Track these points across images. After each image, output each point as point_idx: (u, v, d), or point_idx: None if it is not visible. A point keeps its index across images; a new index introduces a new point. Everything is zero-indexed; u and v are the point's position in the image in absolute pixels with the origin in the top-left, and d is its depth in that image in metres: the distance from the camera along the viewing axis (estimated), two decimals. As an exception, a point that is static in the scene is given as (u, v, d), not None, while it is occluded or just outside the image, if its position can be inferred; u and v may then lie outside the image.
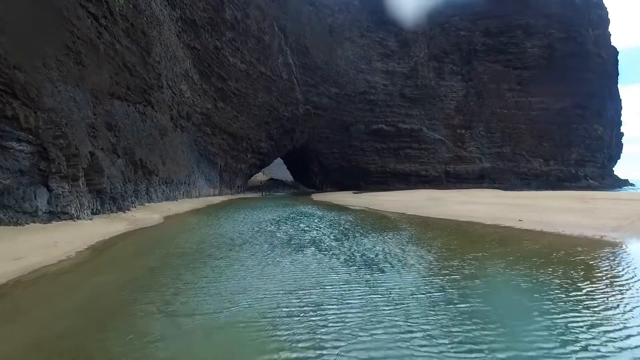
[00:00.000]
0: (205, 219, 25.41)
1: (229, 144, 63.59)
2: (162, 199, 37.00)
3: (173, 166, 40.99)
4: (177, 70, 45.75)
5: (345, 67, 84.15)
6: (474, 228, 18.38)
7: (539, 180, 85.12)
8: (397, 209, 29.72)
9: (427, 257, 11.10)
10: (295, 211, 29.64)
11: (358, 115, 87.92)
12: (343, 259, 11.01)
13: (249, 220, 22.84)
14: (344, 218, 23.92)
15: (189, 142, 49.96)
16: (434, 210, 26.45)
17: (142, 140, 32.85)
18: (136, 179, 30.25)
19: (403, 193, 57.54)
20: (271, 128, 74.39)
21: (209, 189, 56.89)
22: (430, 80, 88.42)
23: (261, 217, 24.54)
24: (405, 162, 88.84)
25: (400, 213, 26.78)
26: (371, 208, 31.83)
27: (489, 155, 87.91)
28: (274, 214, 27.36)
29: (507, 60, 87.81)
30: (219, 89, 57.63)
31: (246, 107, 65.52)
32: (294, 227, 19.40)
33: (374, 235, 15.78)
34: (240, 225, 20.42)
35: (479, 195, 47.33)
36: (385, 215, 25.40)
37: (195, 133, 52.32)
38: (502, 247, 12.75)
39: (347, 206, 35.49)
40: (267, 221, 22.17)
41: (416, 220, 21.93)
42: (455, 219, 22.05)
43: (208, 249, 13.24)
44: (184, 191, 44.43)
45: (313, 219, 23.40)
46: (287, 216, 25.27)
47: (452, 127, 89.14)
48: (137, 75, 33.11)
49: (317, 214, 26.73)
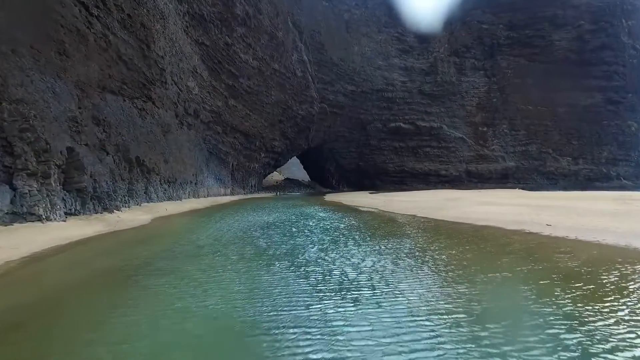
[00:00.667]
0: (197, 220, 23.16)
1: (241, 142, 61.70)
2: (164, 198, 35.12)
3: (177, 165, 39.15)
4: (183, 66, 43.97)
5: (362, 64, 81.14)
6: (493, 235, 15.30)
7: (567, 180, 79.79)
8: (409, 210, 26.73)
9: (425, 280, 8.22)
10: (297, 213, 27.07)
11: (375, 113, 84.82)
12: (314, 279, 8.30)
13: (240, 224, 20.40)
14: (346, 221, 21.17)
15: (197, 140, 48.16)
16: (449, 213, 23.34)
17: (140, 137, 31.00)
18: (131, 177, 28.34)
19: (420, 193, 54.18)
20: (285, 127, 72.19)
21: (220, 188, 55.06)
22: (450, 76, 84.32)
23: (256, 220, 22.08)
24: (425, 162, 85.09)
25: (411, 215, 23.79)
26: (381, 209, 28.93)
27: (513, 154, 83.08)
28: (273, 216, 24.86)
29: (532, 54, 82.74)
30: (229, 87, 55.75)
31: (259, 105, 63.51)
32: (284, 232, 16.82)
33: (370, 245, 13.00)
34: (225, 229, 18.00)
35: (500, 196, 43.61)
36: (393, 218, 22.47)
37: (205, 131, 50.51)
38: (529, 263, 9.75)
39: (357, 207, 32.69)
40: (258, 225, 19.68)
41: (427, 225, 18.95)
42: (471, 222, 18.96)
43: (161, 260, 10.77)
44: (190, 191, 42.59)
45: (311, 222, 20.75)
46: (285, 219, 22.72)
47: (473, 125, 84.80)
48: (135, 69, 31.26)
49: (319, 216, 24.07)
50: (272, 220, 21.39)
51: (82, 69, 23.55)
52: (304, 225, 19.29)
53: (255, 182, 72.86)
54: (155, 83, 35.29)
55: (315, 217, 23.58)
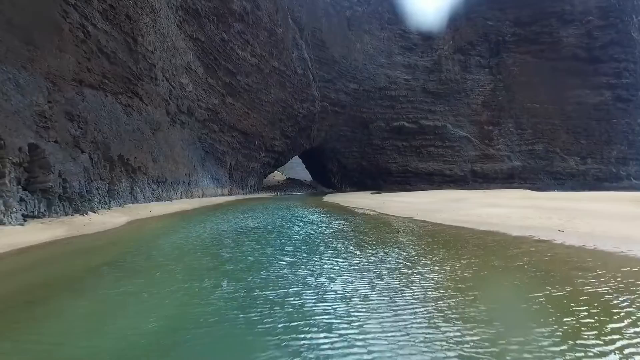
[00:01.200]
0: (174, 224, 21.16)
1: (240, 141, 59.81)
2: (152, 199, 33.25)
3: (168, 164, 37.28)
4: (176, 62, 42.11)
5: (364, 62, 78.92)
6: (498, 243, 13.14)
7: (575, 180, 76.92)
8: (407, 212, 24.54)
9: (403, 314, 6.07)
10: (287, 215, 24.99)
11: (378, 112, 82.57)
12: (257, 313, 6.21)
13: (218, 228, 18.41)
14: (335, 225, 19.06)
15: (192, 139, 46.33)
16: (449, 215, 21.14)
17: (124, 134, 29.12)
18: (112, 177, 26.45)
19: (422, 194, 51.88)
20: (286, 126, 70.21)
21: (216, 188, 53.19)
22: (455, 74, 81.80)
23: (237, 224, 20.06)
24: (429, 161, 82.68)
25: (408, 218, 21.61)
26: (378, 211, 26.76)
27: (519, 153, 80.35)
28: (259, 219, 22.82)
29: (539, 51, 79.93)
30: (227, 84, 53.87)
31: (258, 103, 61.60)
32: (259, 239, 14.77)
33: (350, 257, 10.89)
34: (196, 235, 16.00)
35: (506, 196, 41.27)
36: (388, 222, 20.29)
37: (200, 130, 48.66)
38: (543, 286, 7.57)
39: (352, 209, 30.55)
40: (237, 230, 17.67)
41: (423, 230, 16.79)
42: (473, 227, 16.78)
43: (86, 278, 8.79)
44: (182, 191, 40.72)
45: (297, 226, 18.68)
46: (270, 223, 20.67)
47: (478, 124, 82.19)
48: (119, 63, 29.39)
49: (308, 220, 21.99)
50: (255, 225, 19.36)
51: (53, 60, 21.67)
52: (286, 230, 17.24)
53: (255, 182, 70.96)
54: (143, 79, 33.43)
55: (304, 220, 21.50)
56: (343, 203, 37.34)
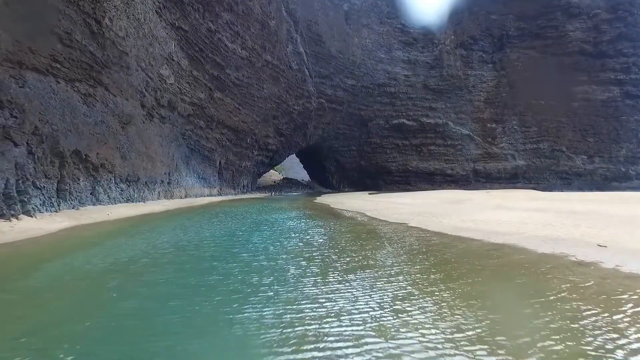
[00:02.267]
0: (121, 232, 17.19)
1: (230, 139, 55.87)
2: (121, 200, 29.36)
3: (142, 162, 33.37)
4: (155, 51, 38.20)
5: (363, 57, 74.77)
6: (517, 264, 9.06)
7: (582, 180, 72.48)
8: (403, 216, 20.50)
9: None
10: (260, 221, 20.94)
11: (377, 109, 78.50)
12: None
13: (169, 239, 14.47)
14: (309, 236, 14.99)
15: (174, 135, 42.44)
16: (451, 221, 17.08)
17: (82, 127, 25.20)
18: (63, 175, 22.53)
19: (422, 194, 47.74)
20: (280, 123, 66.23)
21: (203, 188, 49.30)
22: (457, 70, 77.52)
23: (198, 233, 16.09)
24: (429, 160, 78.54)
25: (402, 224, 17.55)
26: (369, 215, 22.69)
27: (524, 152, 75.97)
28: (223, 226, 18.84)
29: (544, 46, 75.43)
30: (215, 78, 49.93)
31: (249, 99, 57.65)
32: (204, 257, 10.87)
33: (307, 291, 6.92)
34: (127, 251, 12.08)
35: (513, 197, 37.16)
36: (375, 231, 16.17)
37: (184, 125, 44.76)
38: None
39: (341, 212, 26.52)
40: (187, 242, 13.73)
41: (418, 242, 12.71)
42: (481, 238, 12.71)
43: None
44: (161, 191, 36.82)
45: (258, 238, 14.64)
46: (230, 232, 16.66)
47: (481, 121, 77.90)
48: (77, 47, 25.47)
49: (280, 227, 17.99)
50: (208, 235, 15.35)
51: (-22, 35, 17.85)
52: (251, 243, 13.23)
53: (248, 181, 67.02)
54: (110, 67, 29.53)
55: (275, 228, 17.49)
56: (333, 205, 33.31)
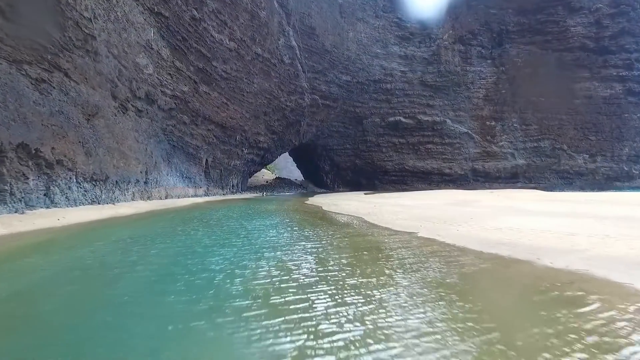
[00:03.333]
0: (55, 244, 13.33)
1: (217, 136, 51.90)
2: (85, 202, 25.34)
3: (112, 159, 29.38)
4: (130, 38, 34.18)
5: (358, 52, 71.01)
6: (631, 324, 5.33)
7: (584, 179, 69.39)
8: (408, 222, 16.74)
9: None
10: (235, 229, 16.95)
11: (372, 107, 74.84)
12: None
13: (95, 260, 10.63)
14: (293, 252, 11.16)
15: (153, 130, 38.43)
16: (469, 230, 13.29)
17: (31, 117, 21.20)
18: (1, 172, 18.66)
19: (422, 194, 44.10)
20: (271, 119, 62.36)
21: (188, 188, 45.34)
22: (455, 66, 74.05)
23: (140, 248, 12.27)
24: (427, 159, 75.05)
25: (410, 234, 13.78)
26: (367, 221, 18.91)
27: (524, 151, 72.72)
28: (187, 237, 14.97)
29: (545, 42, 72.20)
30: (200, 70, 45.96)
31: (238, 93, 53.70)
32: (125, 290, 7.06)
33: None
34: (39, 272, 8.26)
35: (520, 198, 33.64)
36: (378, 245, 12.29)
37: (165, 120, 40.77)
38: None
39: (335, 215, 22.71)
40: (107, 273, 9.91)
41: (442, 267, 8.92)
42: (527, 259, 8.75)
43: None
44: (136, 192, 32.81)
45: (227, 256, 10.82)
46: (188, 248, 12.81)
47: (480, 119, 74.51)
48: (27, 24, 21.47)
49: (260, 239, 14.15)
50: (171, 252, 11.44)
51: None
52: (204, 270, 9.38)
53: (238, 181, 63.07)
54: (72, 50, 25.51)
55: (257, 240, 13.62)
56: (326, 207, 29.47)
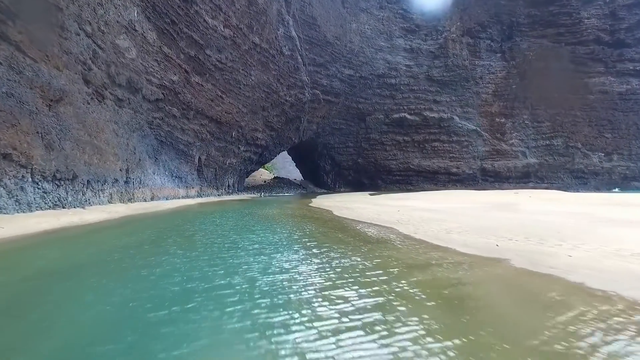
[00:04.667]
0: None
1: (211, 131, 46.97)
2: (45, 205, 20.30)
3: (83, 154, 24.40)
4: (109, 16, 29.19)
5: (361, 45, 66.24)
6: None
7: (599, 179, 65.04)
8: (464, 238, 11.95)
9: None
10: (223, 251, 12.11)
11: (376, 103, 70.12)
12: None
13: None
14: (326, 318, 6.42)
15: (137, 123, 33.41)
16: (570, 257, 8.51)
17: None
18: None
19: (435, 195, 39.31)
20: (270, 115, 57.46)
21: (178, 189, 40.38)
22: (463, 60, 69.47)
23: (69, 289, 7.42)
24: (433, 158, 70.41)
25: (492, 260, 8.96)
26: (402, 233, 14.03)
27: (535, 149, 68.27)
28: (148, 269, 10.14)
29: (557, 35, 67.84)
30: (191, 58, 41.03)
31: (234, 86, 48.77)
32: None
33: None
34: None
35: (563, 200, 28.79)
36: (472, 293, 7.51)
37: (151, 112, 35.77)
38: None
39: (355, 223, 17.85)
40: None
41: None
42: None
43: None
44: (115, 192, 27.81)
45: (190, 337, 6.02)
46: (152, 294, 8.01)
47: (489, 116, 70.00)
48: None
49: (259, 271, 9.30)
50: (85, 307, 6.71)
51: None
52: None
53: (234, 181, 58.12)
54: (26, 19, 20.59)
55: (258, 280, 8.73)
56: (337, 211, 24.52)
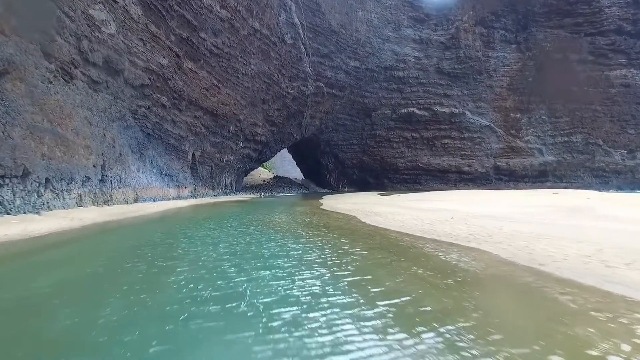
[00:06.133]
0: None
1: (207, 125, 41.62)
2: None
3: (39, 144, 19.02)
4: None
5: (368, 34, 61.10)
6: None
7: (621, 178, 60.28)
8: (608, 266, 6.79)
9: None
10: (207, 300, 6.98)
11: (383, 97, 65.10)
12: None
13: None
14: None
15: (117, 111, 27.98)
16: None
17: None
18: None
19: (461, 195, 34.10)
20: (270, 109, 52.16)
21: (168, 189, 35.00)
22: (475, 51, 64.56)
23: None
24: (443, 156, 65.46)
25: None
26: (490, 253, 8.95)
27: (553, 146, 63.46)
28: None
29: (575, 24, 63.05)
30: (184, 41, 35.65)
31: (232, 75, 43.45)
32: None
33: None
34: None
35: (628, 202, 23.68)
36: None
37: (135, 99, 30.36)
38: None
39: (408, 238, 12.69)
40: None
41: None
42: None
43: None
44: (85, 193, 22.43)
45: None
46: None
47: (503, 111, 65.13)
48: None
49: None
50: None
51: None
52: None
53: (232, 180, 52.77)
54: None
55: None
56: (365, 218, 19.12)
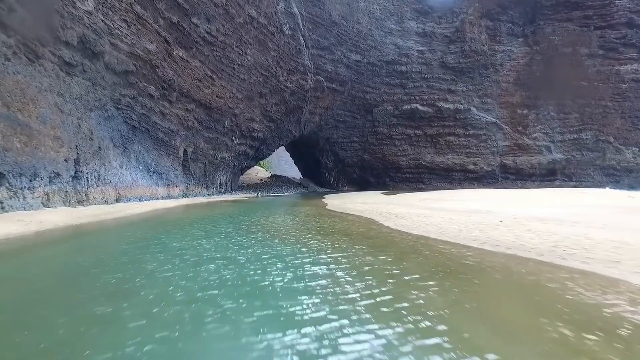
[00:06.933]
0: None
1: (200, 118, 38.35)
2: None
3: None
4: (50, -55, 20.69)
5: (369, 26, 58.08)
6: None
7: (633, 176, 57.58)
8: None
9: None
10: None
11: (385, 92, 62.16)
12: None
13: None
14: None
15: (96, 99, 24.68)
16: None
17: None
18: None
19: (477, 193, 31.13)
20: (268, 103, 48.96)
21: (156, 187, 31.73)
22: (481, 45, 61.72)
23: None
24: (447, 154, 62.61)
25: None
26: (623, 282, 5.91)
27: (562, 144, 60.75)
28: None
29: (584, 17, 60.41)
30: (173, 25, 32.35)
31: (227, 65, 40.19)
32: None
33: None
34: None
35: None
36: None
37: (118, 87, 27.07)
38: None
39: (457, 247, 9.64)
40: None
41: None
42: None
43: None
44: (54, 192, 19.16)
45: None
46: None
47: (510, 107, 62.38)
48: None
49: None
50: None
51: None
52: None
53: (227, 178, 49.52)
54: None
55: None
56: (388, 221, 15.85)
